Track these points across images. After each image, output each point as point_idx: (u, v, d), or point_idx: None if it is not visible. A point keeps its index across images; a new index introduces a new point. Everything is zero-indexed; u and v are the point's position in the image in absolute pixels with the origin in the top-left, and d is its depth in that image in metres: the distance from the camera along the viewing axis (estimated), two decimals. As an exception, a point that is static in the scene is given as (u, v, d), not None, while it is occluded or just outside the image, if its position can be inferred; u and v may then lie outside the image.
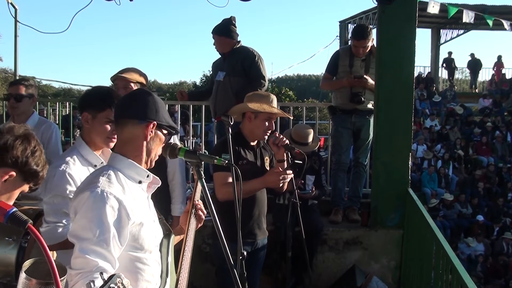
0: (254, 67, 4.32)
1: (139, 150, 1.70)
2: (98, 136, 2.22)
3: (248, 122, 3.01)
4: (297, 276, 4.00)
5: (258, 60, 4.37)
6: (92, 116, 2.20)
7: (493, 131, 14.58)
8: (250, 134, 3.04)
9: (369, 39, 4.38)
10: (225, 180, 2.86)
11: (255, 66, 4.33)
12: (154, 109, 1.71)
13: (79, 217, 1.54)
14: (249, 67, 4.31)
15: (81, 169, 2.18)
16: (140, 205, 1.66)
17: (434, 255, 2.99)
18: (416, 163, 12.69)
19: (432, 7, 7.29)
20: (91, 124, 2.21)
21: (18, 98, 3.31)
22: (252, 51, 4.40)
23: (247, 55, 4.37)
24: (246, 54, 4.38)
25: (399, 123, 4.10)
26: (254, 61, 4.34)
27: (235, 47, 4.41)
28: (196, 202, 2.00)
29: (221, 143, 3.03)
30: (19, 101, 3.31)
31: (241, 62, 4.32)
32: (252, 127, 3.01)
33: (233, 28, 4.42)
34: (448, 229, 11.25)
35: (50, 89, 36.52)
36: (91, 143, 2.24)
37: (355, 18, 17.21)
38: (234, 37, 4.41)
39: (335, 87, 4.71)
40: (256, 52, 4.44)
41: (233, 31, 4.42)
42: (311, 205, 4.27)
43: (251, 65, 4.31)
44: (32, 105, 3.43)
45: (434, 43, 19.65)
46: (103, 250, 1.49)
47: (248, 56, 4.36)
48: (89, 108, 2.22)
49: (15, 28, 5.31)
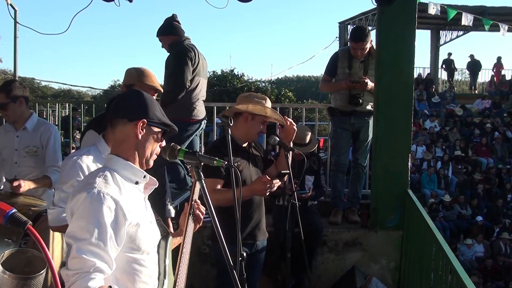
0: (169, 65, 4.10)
1: (132, 149, 1.70)
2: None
3: (244, 123, 2.97)
4: (297, 277, 4.00)
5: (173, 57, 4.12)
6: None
7: (492, 132, 14.58)
8: (243, 135, 3.01)
9: (367, 41, 4.38)
10: (213, 187, 2.80)
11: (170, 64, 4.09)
12: (143, 107, 1.70)
13: (76, 217, 1.54)
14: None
15: (93, 166, 2.24)
16: (137, 206, 1.66)
17: (433, 256, 2.99)
18: (416, 164, 12.70)
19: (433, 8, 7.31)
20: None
21: (3, 106, 3.26)
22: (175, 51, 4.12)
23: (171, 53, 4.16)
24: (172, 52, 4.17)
25: (398, 124, 4.10)
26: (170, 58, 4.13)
27: (175, 42, 4.16)
28: (194, 203, 2.00)
29: (213, 147, 3.01)
30: (6, 109, 3.27)
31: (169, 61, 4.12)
32: (248, 128, 2.98)
33: (176, 25, 4.22)
34: (447, 230, 11.25)
35: (49, 90, 36.52)
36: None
37: (354, 19, 17.21)
38: (177, 33, 4.19)
39: (334, 89, 4.72)
40: (185, 49, 4.12)
41: (176, 27, 4.20)
42: (311, 206, 4.28)
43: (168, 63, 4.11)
44: (22, 106, 3.34)
45: (434, 44, 19.65)
46: (100, 251, 1.49)
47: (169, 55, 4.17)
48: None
49: (15, 29, 5.30)
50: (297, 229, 3.38)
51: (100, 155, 2.30)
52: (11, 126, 3.40)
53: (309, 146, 4.12)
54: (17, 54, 5.50)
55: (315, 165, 4.33)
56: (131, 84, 3.06)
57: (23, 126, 3.37)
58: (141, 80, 3.05)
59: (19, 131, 3.38)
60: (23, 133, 3.38)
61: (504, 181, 13.10)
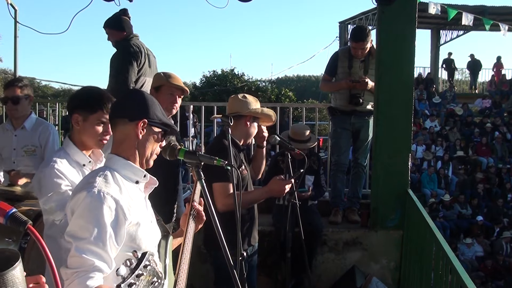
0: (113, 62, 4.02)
1: (132, 149, 1.70)
2: (90, 138, 2.17)
3: (245, 126, 2.97)
4: (297, 277, 4.00)
5: (119, 53, 4.06)
6: (83, 118, 2.15)
7: (492, 132, 14.58)
8: (243, 136, 3.00)
9: (367, 40, 4.38)
10: (226, 191, 2.78)
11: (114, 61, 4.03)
12: (144, 107, 1.70)
13: (76, 216, 1.54)
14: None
15: (69, 168, 2.12)
16: (137, 205, 1.66)
17: (434, 256, 2.99)
18: (416, 164, 12.70)
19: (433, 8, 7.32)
20: (82, 126, 2.16)
21: (15, 100, 3.29)
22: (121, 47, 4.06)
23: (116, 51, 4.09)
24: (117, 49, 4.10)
25: (398, 124, 4.10)
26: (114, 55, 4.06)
27: (122, 39, 4.10)
28: (195, 204, 2.00)
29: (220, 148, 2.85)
30: (17, 103, 3.30)
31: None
32: (248, 131, 2.99)
33: (126, 21, 4.15)
34: (447, 229, 11.26)
35: (49, 89, 36.51)
36: (79, 144, 2.19)
37: (354, 19, 17.20)
38: (124, 29, 4.12)
39: (334, 88, 4.71)
40: (131, 48, 4.02)
41: (126, 23, 4.14)
42: (311, 206, 4.28)
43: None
44: (29, 105, 3.42)
45: (434, 43, 19.65)
46: (100, 250, 1.50)
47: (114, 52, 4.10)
48: (80, 109, 2.15)
49: (15, 29, 5.30)
50: (297, 228, 3.39)
51: (70, 158, 2.17)
52: (10, 125, 3.41)
53: (309, 142, 4.12)
54: (17, 53, 5.51)
55: (315, 164, 4.34)
56: (160, 85, 3.04)
57: (21, 125, 3.38)
58: (169, 81, 3.04)
59: (18, 130, 3.39)
60: (22, 132, 3.38)
61: (504, 180, 13.09)
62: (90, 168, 2.18)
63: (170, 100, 2.99)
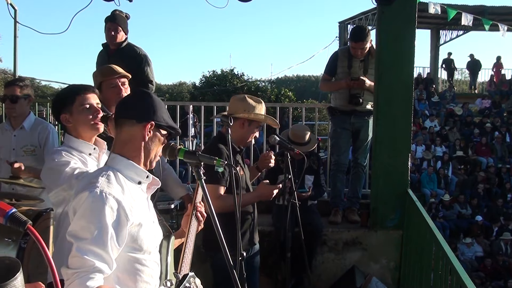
0: (140, 72, 4.14)
1: (137, 150, 1.70)
2: (84, 126, 2.25)
3: (240, 128, 2.93)
4: (297, 276, 4.00)
5: (145, 63, 4.21)
6: (69, 113, 2.24)
7: (492, 132, 14.58)
8: (239, 139, 2.97)
9: (367, 40, 4.38)
10: (216, 193, 2.76)
11: (141, 70, 4.16)
12: (152, 109, 1.71)
13: (77, 217, 1.54)
14: (135, 71, 3.98)
15: (75, 156, 2.21)
16: (139, 206, 1.66)
17: (433, 256, 2.99)
18: (416, 163, 12.70)
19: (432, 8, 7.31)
20: (72, 120, 2.25)
21: (14, 99, 3.29)
22: (139, 53, 4.23)
23: (133, 57, 4.19)
24: (132, 55, 4.20)
25: (398, 124, 4.10)
26: (140, 65, 4.18)
27: (123, 44, 4.25)
28: (197, 204, 2.00)
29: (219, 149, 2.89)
30: (15, 102, 3.30)
31: (126, 65, 3.95)
32: (244, 134, 2.96)
33: (127, 22, 4.25)
34: (447, 229, 11.25)
35: (49, 89, 36.44)
36: (80, 137, 2.27)
37: (354, 19, 17.21)
38: (126, 31, 4.24)
39: (333, 88, 4.71)
40: (144, 53, 4.25)
41: (127, 24, 4.24)
42: (311, 206, 4.28)
43: (137, 69, 4.09)
44: (28, 105, 3.42)
45: (434, 43, 19.65)
46: (101, 251, 1.49)
47: (134, 58, 4.19)
48: (62, 108, 2.26)
49: (15, 29, 5.30)
50: (297, 228, 3.39)
51: (75, 150, 2.25)
52: (9, 125, 3.40)
53: (309, 145, 4.12)
54: (17, 53, 5.50)
55: (315, 164, 4.34)
56: (99, 84, 2.99)
57: (20, 125, 3.37)
58: (104, 76, 3.00)
59: (17, 130, 3.38)
60: (21, 132, 3.38)
61: (504, 180, 13.10)
62: (95, 156, 2.28)
63: (116, 92, 2.91)
